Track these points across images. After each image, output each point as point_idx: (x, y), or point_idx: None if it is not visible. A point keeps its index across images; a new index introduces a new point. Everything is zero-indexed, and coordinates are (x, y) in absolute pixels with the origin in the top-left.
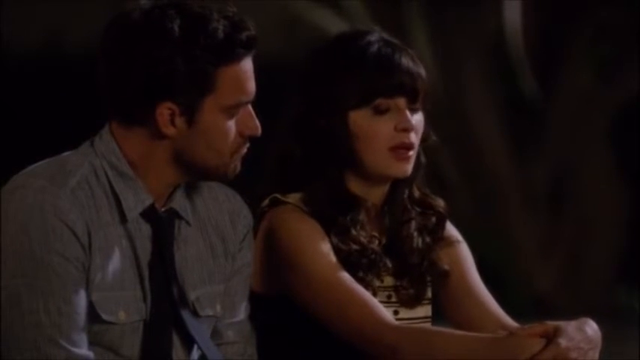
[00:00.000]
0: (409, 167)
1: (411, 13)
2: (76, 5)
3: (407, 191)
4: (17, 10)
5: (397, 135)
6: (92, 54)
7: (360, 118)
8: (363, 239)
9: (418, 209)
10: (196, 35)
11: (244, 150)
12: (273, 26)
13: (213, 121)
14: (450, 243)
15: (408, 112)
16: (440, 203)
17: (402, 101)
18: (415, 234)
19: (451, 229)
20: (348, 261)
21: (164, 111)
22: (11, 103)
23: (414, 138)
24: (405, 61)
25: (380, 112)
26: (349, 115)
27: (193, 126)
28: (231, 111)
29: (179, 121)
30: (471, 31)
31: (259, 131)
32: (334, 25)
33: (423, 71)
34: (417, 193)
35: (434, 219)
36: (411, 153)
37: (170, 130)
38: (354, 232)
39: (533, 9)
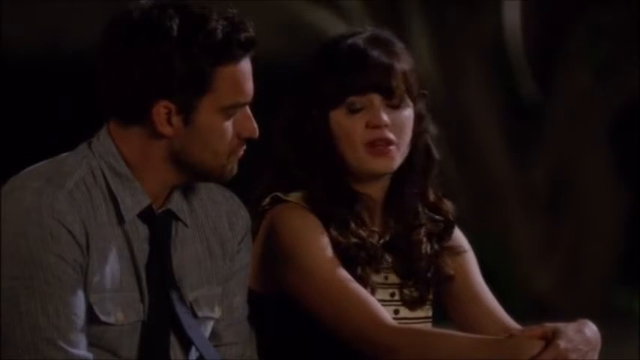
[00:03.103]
0: (391, 163)
1: (411, 13)
2: (75, 5)
3: (415, 190)
4: (17, 10)
5: (369, 131)
6: (92, 54)
7: (337, 118)
8: (362, 232)
9: (429, 214)
10: (195, 34)
11: (241, 152)
12: (273, 27)
13: (209, 121)
14: (458, 252)
15: (381, 109)
16: (450, 209)
17: (376, 98)
18: (424, 239)
19: (459, 238)
20: (346, 254)
21: (161, 110)
22: (10, 103)
23: (390, 134)
24: (378, 57)
25: (354, 110)
26: (330, 116)
27: (190, 126)
28: (228, 112)
29: (176, 120)
30: (471, 31)
31: (257, 133)
32: (334, 26)
33: (404, 66)
34: (432, 197)
35: (442, 225)
36: (392, 148)
37: (166, 130)
38: (353, 225)
39: (532, 9)
